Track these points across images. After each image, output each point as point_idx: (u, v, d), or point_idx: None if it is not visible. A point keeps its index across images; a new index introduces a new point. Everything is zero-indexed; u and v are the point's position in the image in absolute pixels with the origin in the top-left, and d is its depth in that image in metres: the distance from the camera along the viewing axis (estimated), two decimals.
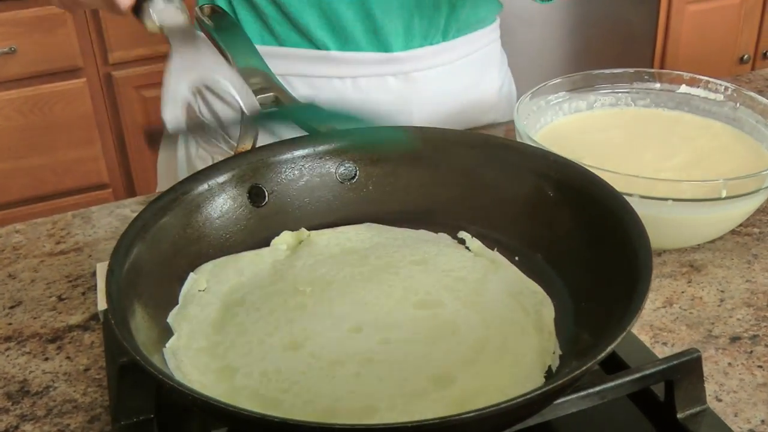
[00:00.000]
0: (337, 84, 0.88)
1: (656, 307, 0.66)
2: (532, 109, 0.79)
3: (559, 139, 0.79)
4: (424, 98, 0.91)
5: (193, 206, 0.59)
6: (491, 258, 0.60)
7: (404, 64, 0.88)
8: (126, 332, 0.44)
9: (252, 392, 0.49)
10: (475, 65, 0.94)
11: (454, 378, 0.49)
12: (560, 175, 0.59)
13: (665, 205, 0.65)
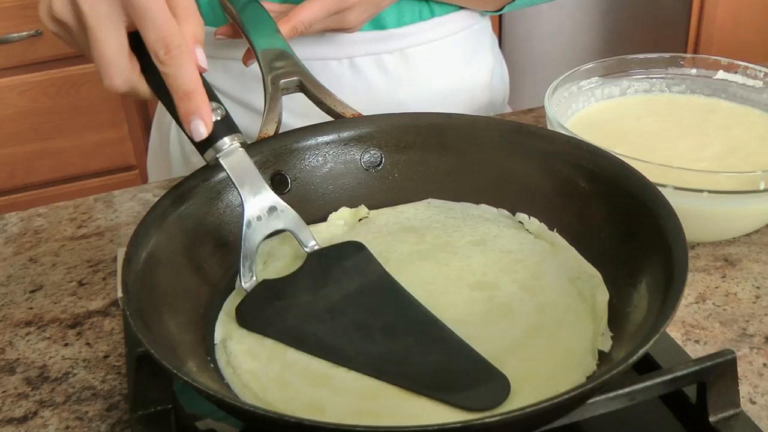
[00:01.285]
0: (334, 65, 0.87)
1: (688, 302, 0.64)
2: (563, 96, 0.77)
3: (590, 126, 0.77)
4: (419, 75, 0.90)
5: (213, 193, 0.58)
6: (551, 240, 0.59)
7: (399, 40, 0.88)
8: (140, 323, 0.43)
9: (303, 367, 0.48)
10: (467, 42, 0.94)
11: (503, 363, 0.48)
12: (592, 165, 0.57)
13: (700, 197, 0.62)
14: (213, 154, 0.53)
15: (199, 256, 0.55)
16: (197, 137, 0.52)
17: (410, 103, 0.91)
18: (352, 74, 0.88)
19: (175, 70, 0.50)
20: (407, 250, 0.58)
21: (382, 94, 0.89)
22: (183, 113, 0.51)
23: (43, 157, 1.82)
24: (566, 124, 0.77)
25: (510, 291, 0.53)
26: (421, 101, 0.91)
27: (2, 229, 0.77)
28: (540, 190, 0.60)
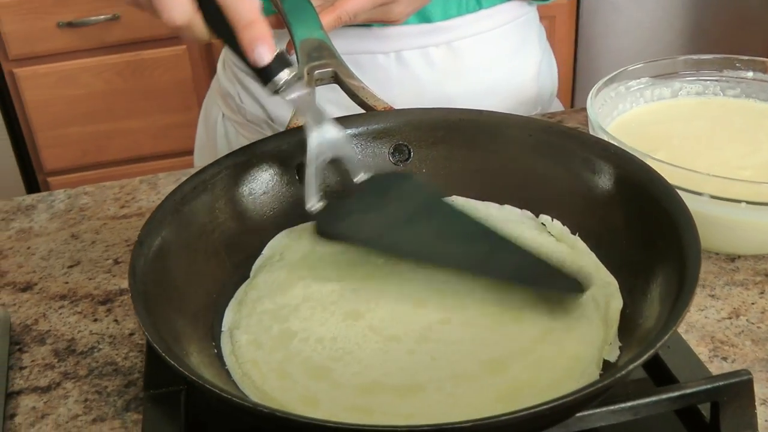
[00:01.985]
0: (381, 59, 0.87)
1: (721, 317, 0.61)
2: (609, 96, 0.74)
3: (636, 128, 0.74)
4: (466, 68, 0.89)
5: (235, 181, 0.58)
6: (572, 244, 0.57)
7: (445, 33, 0.87)
8: (141, 307, 0.44)
9: (305, 358, 0.49)
10: (514, 34, 0.92)
11: (507, 366, 0.47)
12: (618, 168, 0.55)
13: (738, 207, 0.60)
14: (273, 87, 0.54)
15: (217, 242, 0.56)
16: (262, 62, 0.53)
17: (457, 97, 0.91)
18: (398, 68, 0.88)
19: (234, 3, 0.51)
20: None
21: (428, 87, 0.89)
22: (246, 42, 0.52)
23: (115, 137, 1.88)
24: (611, 124, 0.74)
25: (523, 294, 0.52)
26: (468, 94, 0.90)
27: (50, 204, 0.80)
28: (565, 191, 0.58)
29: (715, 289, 0.64)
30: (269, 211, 0.60)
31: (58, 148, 1.85)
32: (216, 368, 0.47)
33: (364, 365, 0.47)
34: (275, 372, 0.47)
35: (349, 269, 0.55)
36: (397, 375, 0.46)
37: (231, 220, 0.57)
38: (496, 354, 0.47)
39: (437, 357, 0.48)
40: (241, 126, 0.95)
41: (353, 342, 0.49)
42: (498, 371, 0.46)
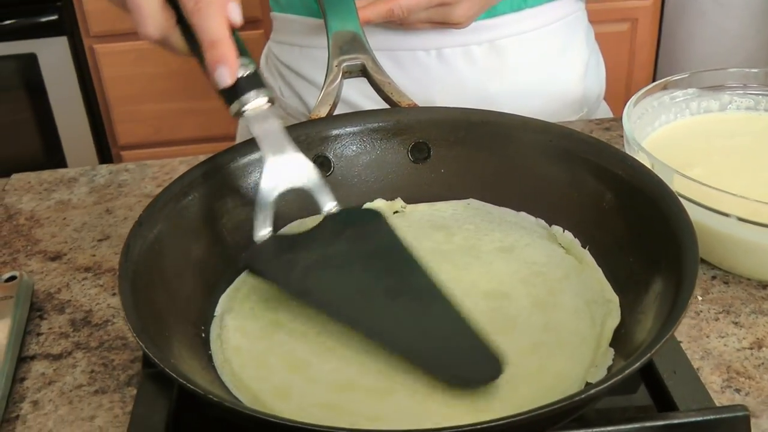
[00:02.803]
0: (421, 56, 0.86)
1: (742, 346, 0.58)
2: (651, 105, 0.72)
3: (675, 140, 0.71)
4: (509, 67, 0.87)
5: (244, 171, 0.59)
6: (580, 257, 0.56)
7: (488, 31, 0.85)
8: (127, 287, 0.44)
9: (287, 350, 0.49)
10: (560, 34, 0.90)
11: None
12: (633, 181, 0.53)
13: (766, 232, 0.57)
14: (238, 107, 0.52)
15: (224, 228, 0.57)
16: (221, 84, 0.52)
17: (499, 96, 0.89)
18: (439, 66, 0.87)
19: (202, 21, 0.51)
20: (430, 248, 0.56)
21: (469, 86, 0.88)
22: (209, 61, 0.52)
23: (188, 116, 1.93)
24: (651, 135, 0.72)
25: (521, 304, 0.51)
26: (511, 94, 0.89)
27: (91, 179, 0.82)
28: (580, 201, 0.57)
29: (740, 317, 0.61)
30: (281, 201, 0.60)
31: (132, 123, 1.91)
32: (196, 351, 0.48)
33: (342, 363, 0.47)
34: (255, 360, 0.48)
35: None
36: (372, 376, 0.46)
37: (240, 207, 0.58)
38: None
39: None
40: (282, 119, 0.96)
41: (337, 338, 0.49)
42: None
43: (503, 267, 0.54)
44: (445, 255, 0.56)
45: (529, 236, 0.57)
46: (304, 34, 0.87)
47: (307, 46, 0.88)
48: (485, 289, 0.53)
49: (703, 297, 0.63)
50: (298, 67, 0.90)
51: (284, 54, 0.93)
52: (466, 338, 0.47)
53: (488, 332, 0.48)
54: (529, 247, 0.56)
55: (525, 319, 0.50)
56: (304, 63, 0.90)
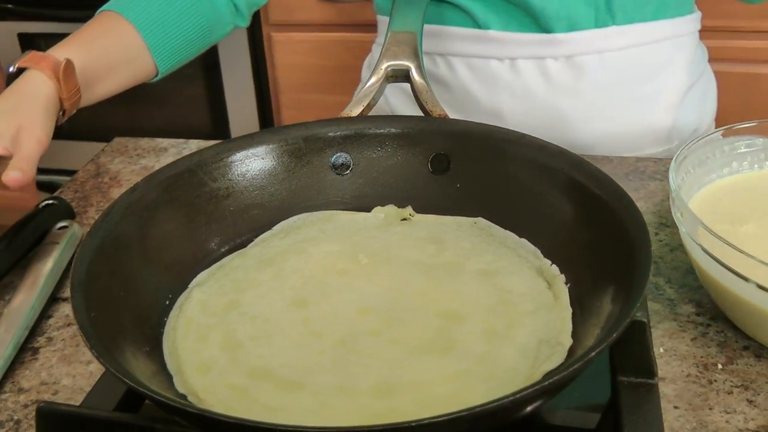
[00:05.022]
0: (494, 65, 0.84)
1: (746, 427, 0.51)
2: (710, 154, 0.65)
3: (735, 192, 0.65)
4: (586, 86, 0.83)
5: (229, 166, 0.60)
6: (558, 294, 0.53)
7: (566, 46, 0.81)
8: (79, 297, 0.46)
9: (229, 330, 0.50)
10: (651, 57, 0.83)
11: (395, 394, 0.45)
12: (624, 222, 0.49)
13: None
14: None
15: (227, 209, 0.59)
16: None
17: (570, 114, 0.85)
18: (511, 75, 0.85)
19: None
20: (415, 259, 0.56)
21: (539, 100, 0.84)
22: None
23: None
24: (705, 187, 0.65)
25: (470, 330, 0.49)
26: (585, 114, 0.84)
27: (179, 151, 0.89)
28: (577, 237, 0.53)
29: (758, 395, 0.54)
30: (283, 192, 0.61)
31: (297, 110, 2.01)
32: (148, 319, 0.50)
33: (271, 351, 0.48)
34: (197, 333, 0.50)
35: (330, 259, 0.56)
36: (289, 369, 0.46)
37: (247, 192, 0.60)
38: (393, 380, 0.45)
39: (338, 365, 0.47)
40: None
41: (279, 327, 0.50)
42: (383, 396, 0.44)
43: (475, 290, 0.52)
44: (427, 268, 0.55)
45: (519, 264, 0.55)
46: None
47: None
48: (444, 308, 0.51)
49: (724, 366, 0.57)
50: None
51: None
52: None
53: (421, 350, 0.47)
54: (514, 276, 0.53)
55: (465, 346, 0.48)
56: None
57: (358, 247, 0.57)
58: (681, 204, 0.56)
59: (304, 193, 0.62)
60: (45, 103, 0.68)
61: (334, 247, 0.57)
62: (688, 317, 0.62)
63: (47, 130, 0.67)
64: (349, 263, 0.55)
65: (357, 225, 0.60)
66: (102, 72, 0.76)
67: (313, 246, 0.57)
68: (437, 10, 0.85)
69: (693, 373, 0.57)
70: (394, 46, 0.67)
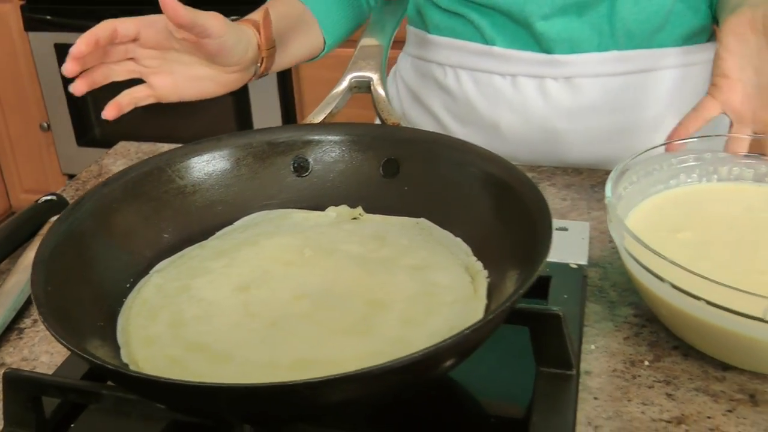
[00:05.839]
0: (497, 80, 0.88)
1: (659, 418, 0.55)
2: (657, 166, 0.69)
3: (676, 204, 0.68)
4: (584, 107, 0.86)
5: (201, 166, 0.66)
6: (477, 288, 0.57)
7: (566, 67, 0.85)
8: (40, 273, 0.51)
9: (177, 310, 0.55)
10: (658, 84, 0.86)
11: (315, 366, 0.49)
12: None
13: (698, 306, 0.53)
14: None
15: (194, 205, 0.65)
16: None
17: (565, 134, 0.89)
18: (512, 91, 0.89)
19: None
20: (356, 253, 0.61)
21: (537, 117, 0.88)
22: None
23: None
24: (653, 196, 0.69)
25: (391, 316, 0.54)
26: (579, 135, 0.88)
27: None
28: (499, 234, 0.58)
29: (678, 390, 0.58)
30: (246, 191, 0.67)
31: None
32: (107, 298, 0.56)
33: (210, 328, 0.53)
34: (149, 312, 0.55)
35: (278, 251, 0.61)
36: (223, 343, 0.52)
37: (213, 190, 0.66)
38: (311, 357, 0.50)
39: (266, 342, 0.52)
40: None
41: (221, 309, 0.55)
42: (300, 370, 0.49)
43: (403, 282, 0.57)
44: (365, 261, 0.60)
45: (449, 261, 0.59)
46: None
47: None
48: (372, 297, 0.56)
49: (651, 363, 0.61)
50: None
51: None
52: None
53: (342, 332, 0.52)
54: (442, 271, 0.58)
55: (383, 330, 0.52)
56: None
57: (307, 241, 0.62)
58: (611, 209, 0.60)
59: (265, 192, 0.67)
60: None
61: (285, 241, 0.62)
62: (626, 318, 0.66)
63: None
64: (295, 255, 0.60)
65: (310, 222, 0.65)
66: (287, 36, 0.83)
67: (266, 239, 0.62)
68: (450, 24, 0.90)
69: (619, 368, 0.60)
70: (361, 60, 0.73)
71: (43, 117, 2.34)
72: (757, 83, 0.70)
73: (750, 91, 0.70)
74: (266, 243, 0.62)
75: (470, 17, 0.87)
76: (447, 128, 0.95)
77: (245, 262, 0.60)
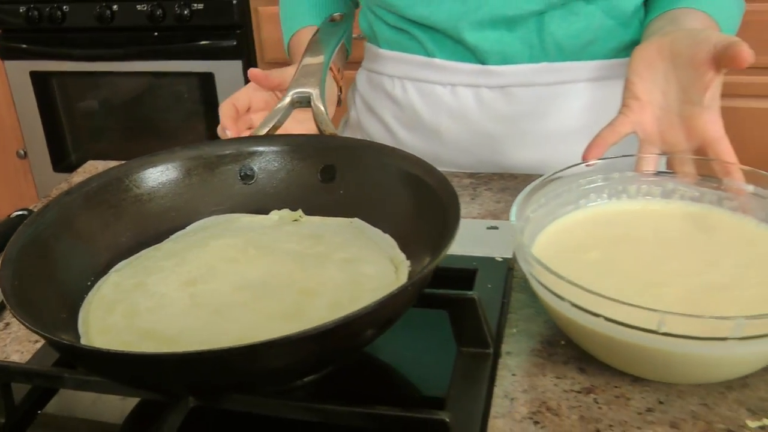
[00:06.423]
0: (438, 89, 0.96)
1: (571, 389, 0.61)
2: (566, 187, 0.71)
3: (585, 224, 0.71)
4: (518, 114, 0.93)
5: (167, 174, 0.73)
6: (399, 277, 0.64)
7: (499, 77, 0.92)
8: (7, 270, 0.56)
9: (132, 303, 0.61)
10: (590, 94, 0.93)
11: None
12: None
13: (599, 322, 0.57)
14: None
15: (141, 213, 0.72)
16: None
17: (501, 139, 0.96)
18: (452, 100, 0.96)
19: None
20: (294, 250, 0.67)
21: (474, 123, 0.95)
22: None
23: None
24: (563, 217, 0.72)
25: (320, 303, 0.60)
26: (514, 140, 0.95)
27: None
28: (418, 226, 0.65)
29: (591, 365, 0.63)
30: (197, 198, 0.74)
31: None
32: (71, 294, 0.63)
33: (160, 317, 0.60)
34: (106, 306, 0.62)
35: (225, 251, 0.68)
36: (172, 330, 0.58)
37: (164, 197, 0.73)
38: (247, 338, 0.53)
39: (208, 327, 0.58)
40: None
41: (171, 301, 0.62)
42: None
43: (333, 274, 0.64)
44: (301, 257, 0.66)
45: (377, 255, 0.66)
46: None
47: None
48: (306, 286, 0.62)
49: (567, 343, 0.66)
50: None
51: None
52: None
53: (275, 317, 0.59)
54: (370, 263, 0.65)
55: (312, 314, 0.59)
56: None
57: (250, 241, 0.69)
58: (516, 233, 0.64)
59: (214, 199, 0.74)
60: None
61: (231, 242, 0.69)
62: None
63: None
64: (239, 253, 0.67)
65: (255, 225, 0.72)
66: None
67: (214, 241, 0.69)
68: (397, 39, 0.98)
69: (537, 348, 0.67)
70: (302, 77, 0.80)
71: (20, 144, 2.40)
72: (665, 106, 0.75)
73: (658, 113, 0.75)
74: (214, 244, 0.69)
75: (413, 33, 0.95)
76: (396, 135, 1.02)
77: (194, 260, 0.67)
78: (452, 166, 0.99)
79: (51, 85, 2.22)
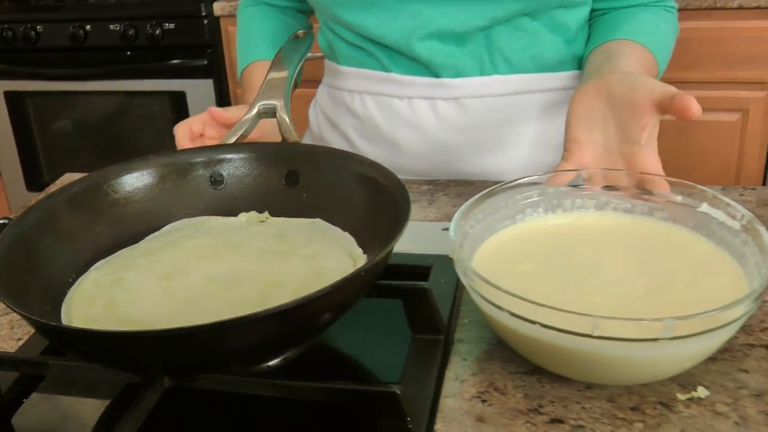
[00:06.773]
0: (395, 102, 1.02)
1: (518, 371, 0.66)
2: (503, 203, 0.74)
3: (521, 238, 0.74)
4: (472, 124, 0.99)
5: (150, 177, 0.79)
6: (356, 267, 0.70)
7: (453, 90, 0.98)
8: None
9: (112, 295, 0.66)
10: (540, 103, 0.99)
11: None
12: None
13: (534, 327, 0.59)
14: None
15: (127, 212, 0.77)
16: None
17: (457, 148, 1.02)
18: (409, 113, 1.02)
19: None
20: (260, 247, 0.73)
21: (430, 133, 1.02)
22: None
23: None
24: (501, 231, 0.74)
25: (284, 293, 0.66)
26: (469, 149, 1.01)
27: None
28: (374, 222, 0.71)
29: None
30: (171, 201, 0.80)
31: None
32: (53, 289, 0.68)
33: (138, 308, 0.65)
34: (87, 299, 0.67)
35: (199, 249, 0.73)
36: (147, 318, 0.64)
37: (140, 201, 0.78)
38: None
39: (180, 315, 0.64)
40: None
41: (148, 294, 0.67)
42: None
43: (297, 268, 0.70)
44: (267, 254, 0.72)
45: (338, 251, 0.72)
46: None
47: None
48: (271, 279, 0.68)
49: None
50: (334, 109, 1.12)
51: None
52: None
53: (242, 306, 0.65)
54: (330, 258, 0.71)
55: (276, 301, 0.61)
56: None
57: (220, 240, 0.74)
58: (455, 248, 0.67)
59: (187, 202, 0.80)
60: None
61: (202, 241, 0.75)
62: None
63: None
64: (210, 251, 0.73)
65: (224, 226, 0.78)
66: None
67: (187, 240, 0.75)
68: (356, 55, 1.04)
69: (487, 336, 0.72)
70: (268, 90, 0.86)
71: None
72: (606, 144, 0.78)
73: (599, 152, 0.78)
74: (187, 243, 0.75)
75: (371, 50, 1.01)
76: (356, 147, 1.08)
77: (168, 258, 0.72)
78: (411, 174, 1.05)
79: (25, 105, 2.26)
